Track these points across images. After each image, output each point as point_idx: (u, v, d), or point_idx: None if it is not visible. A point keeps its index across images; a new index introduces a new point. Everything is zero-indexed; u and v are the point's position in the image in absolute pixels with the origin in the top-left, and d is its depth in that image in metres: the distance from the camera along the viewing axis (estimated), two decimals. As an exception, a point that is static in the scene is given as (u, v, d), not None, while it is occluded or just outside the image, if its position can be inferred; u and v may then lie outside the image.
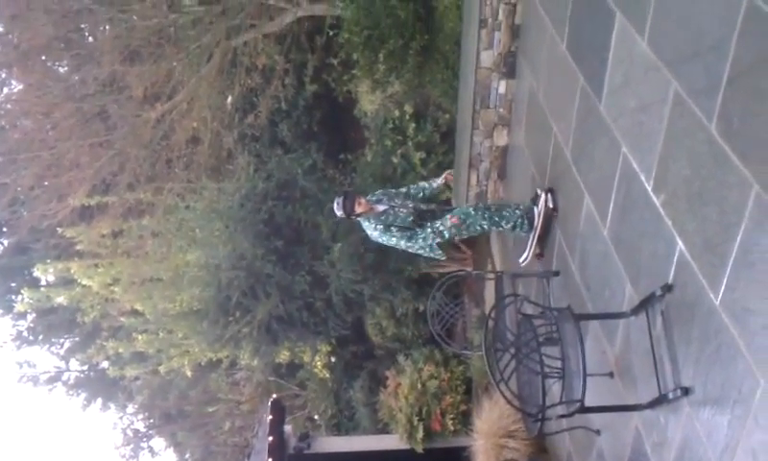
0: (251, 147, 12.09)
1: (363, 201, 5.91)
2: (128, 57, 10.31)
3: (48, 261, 12.12)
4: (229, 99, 12.23)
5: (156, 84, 10.26)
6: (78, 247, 11.13)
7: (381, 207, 5.95)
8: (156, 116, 10.41)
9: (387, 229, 5.92)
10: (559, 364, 4.10)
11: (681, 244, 3.73)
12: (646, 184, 4.10)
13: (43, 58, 10.59)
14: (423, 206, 6.03)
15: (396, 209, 5.94)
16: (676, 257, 3.78)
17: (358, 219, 6.03)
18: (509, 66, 6.97)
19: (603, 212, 4.75)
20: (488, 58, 6.96)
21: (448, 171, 6.71)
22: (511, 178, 7.53)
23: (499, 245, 8.31)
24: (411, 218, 5.93)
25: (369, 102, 10.23)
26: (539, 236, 5.95)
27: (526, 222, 5.93)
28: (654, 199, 4.01)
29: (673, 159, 3.82)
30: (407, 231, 5.92)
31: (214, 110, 11.26)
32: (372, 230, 6.00)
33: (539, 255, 6.13)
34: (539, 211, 5.85)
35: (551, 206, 5.76)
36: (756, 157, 3.09)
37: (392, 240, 5.99)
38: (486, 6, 6.67)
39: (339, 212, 5.95)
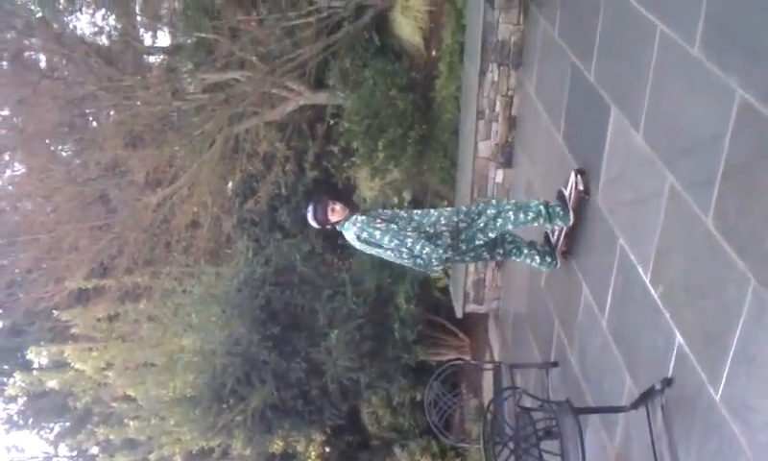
0: (250, 232, 12.14)
1: (338, 207, 5.05)
2: (130, 142, 10.46)
3: (42, 344, 11.99)
4: (230, 184, 12.35)
5: (158, 168, 10.37)
6: (73, 330, 11.04)
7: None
8: (156, 201, 10.48)
9: (385, 229, 4.97)
10: (558, 460, 4.01)
11: (680, 337, 3.69)
12: (644, 276, 4.09)
13: (47, 141, 10.73)
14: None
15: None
16: (675, 350, 3.74)
17: (340, 229, 5.16)
18: (506, 156, 7.06)
19: (601, 303, 4.73)
20: (485, 148, 7.06)
21: None
22: (508, 265, 7.52)
23: (498, 333, 8.25)
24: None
25: (368, 188, 10.33)
26: (566, 231, 5.21)
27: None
28: (652, 291, 3.99)
29: (670, 252, 3.82)
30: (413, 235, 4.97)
31: (215, 195, 11.35)
32: (361, 233, 5.01)
33: (565, 253, 5.44)
34: (567, 195, 5.07)
35: (581, 188, 4.95)
36: (752, 252, 3.09)
37: (392, 241, 4.95)
38: (483, 98, 6.79)
39: (313, 223, 5.20)
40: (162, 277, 10.94)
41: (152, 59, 12.16)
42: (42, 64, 11.01)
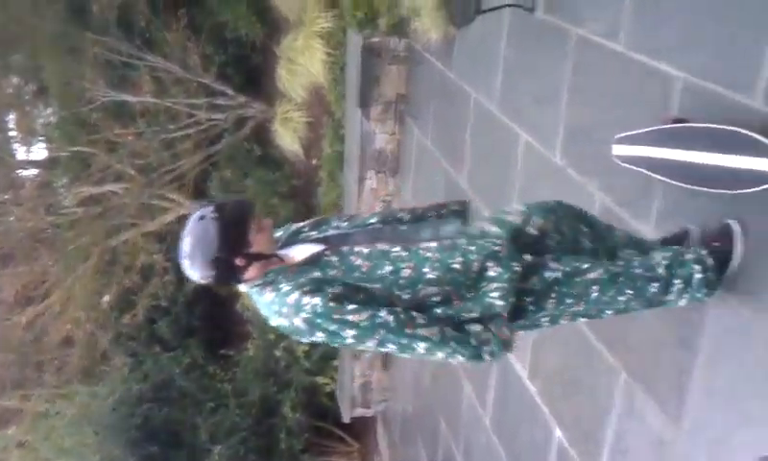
0: (127, 347, 11.67)
1: (264, 235, 2.25)
2: (0, 259, 10.02)
3: None
4: (106, 298, 11.94)
5: (29, 285, 9.95)
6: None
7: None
8: (26, 319, 10.01)
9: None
10: None
11: (558, 431, 3.82)
12: (521, 372, 4.23)
13: None
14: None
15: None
16: (555, 445, 3.85)
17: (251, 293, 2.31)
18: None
19: (483, 400, 4.83)
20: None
21: None
22: (394, 365, 7.57)
23: (386, 436, 8.20)
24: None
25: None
26: None
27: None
28: (530, 386, 4.13)
29: (545, 348, 3.98)
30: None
31: (89, 311, 10.93)
32: (313, 327, 2.12)
33: None
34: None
35: None
36: (620, 345, 3.27)
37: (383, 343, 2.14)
38: (363, 204, 6.95)
39: (197, 270, 2.18)
40: (33, 399, 10.34)
41: (25, 173, 11.84)
42: None
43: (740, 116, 2.45)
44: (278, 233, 2.45)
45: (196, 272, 2.18)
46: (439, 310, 2.20)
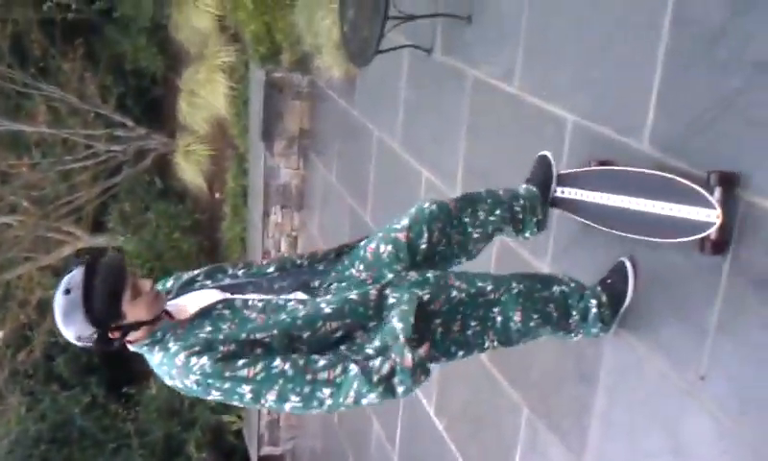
0: (23, 385, 11.19)
1: (148, 289, 2.10)
2: None
3: None
4: (0, 334, 11.41)
5: None
6: None
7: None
8: None
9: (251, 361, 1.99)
10: None
11: (465, 467, 3.85)
12: (428, 409, 4.25)
13: None
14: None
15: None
16: (462, 481, 3.88)
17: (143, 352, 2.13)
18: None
19: (391, 437, 4.83)
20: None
21: None
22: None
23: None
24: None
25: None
26: None
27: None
28: (437, 423, 4.15)
29: (451, 384, 4.02)
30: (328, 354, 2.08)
31: (-18, 347, 10.42)
32: (207, 387, 1.98)
33: None
34: None
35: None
36: (522, 381, 3.33)
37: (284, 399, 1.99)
38: (268, 238, 6.90)
39: (74, 330, 2.01)
40: None
41: None
42: None
43: (630, 159, 2.55)
44: (169, 283, 2.33)
45: (71, 339, 2.04)
46: (343, 347, 2.09)
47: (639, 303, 2.56)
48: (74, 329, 2.02)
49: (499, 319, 2.33)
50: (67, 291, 2.01)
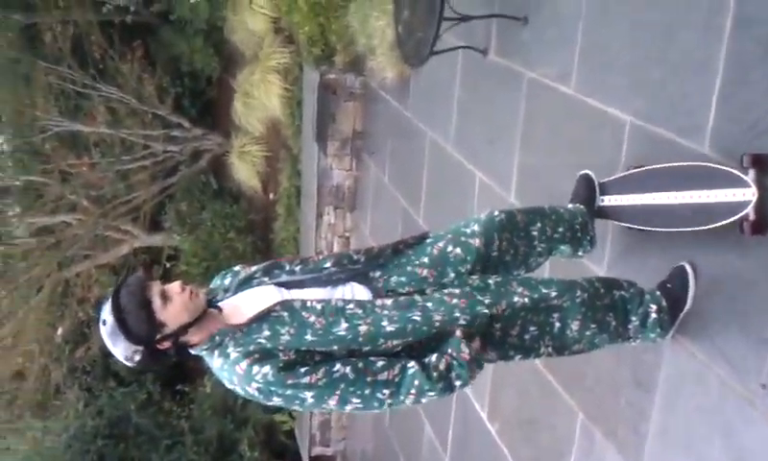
0: (81, 381, 11.45)
1: (179, 290, 2.08)
2: (-50, 290, 9.77)
3: None
4: (59, 331, 11.69)
5: (-22, 319, 9.71)
6: None
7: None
8: (-24, 354, 9.77)
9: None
10: None
11: (518, 472, 3.82)
12: (481, 413, 4.22)
13: None
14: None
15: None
16: (514, 486, 3.85)
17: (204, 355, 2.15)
18: (346, 295, 7.18)
19: (443, 440, 4.81)
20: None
21: None
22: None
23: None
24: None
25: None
26: None
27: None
28: (489, 427, 4.12)
29: (504, 388, 3.99)
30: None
31: (42, 343, 10.69)
32: (269, 392, 2.01)
33: None
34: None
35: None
36: (577, 385, 3.29)
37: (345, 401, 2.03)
38: (321, 239, 6.93)
39: (123, 350, 2.05)
40: (-18, 437, 10.08)
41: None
42: None
43: (689, 160, 2.49)
44: (227, 280, 2.34)
45: (128, 364, 2.08)
46: (402, 353, 2.13)
47: (699, 308, 2.51)
48: (124, 354, 2.06)
49: (557, 325, 2.31)
50: (104, 322, 2.05)
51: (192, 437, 8.93)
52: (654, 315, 2.47)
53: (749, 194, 2.17)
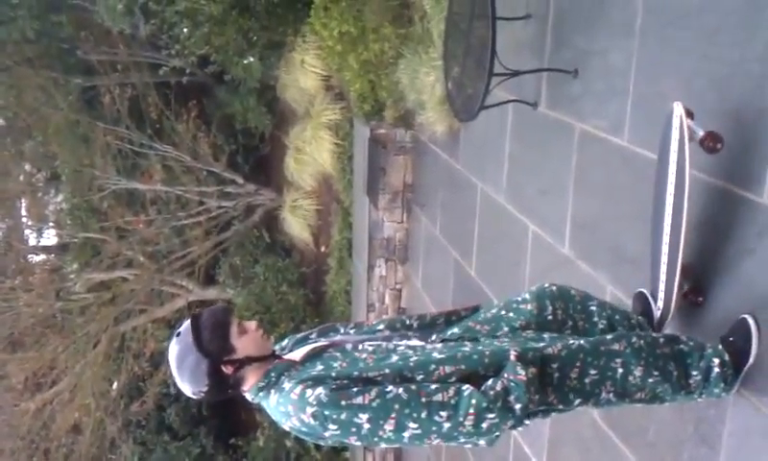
0: (136, 435, 11.57)
1: (253, 333, 2.19)
2: (9, 345, 10.00)
3: None
4: (115, 385, 11.86)
5: (39, 372, 9.90)
6: None
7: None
8: (35, 406, 9.93)
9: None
10: None
11: (577, 530, 3.72)
12: (538, 468, 4.15)
13: None
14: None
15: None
16: None
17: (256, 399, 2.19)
18: (398, 347, 7.15)
19: (500, 496, 4.72)
20: (377, 340, 7.14)
21: None
22: (408, 454, 7.44)
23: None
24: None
25: (260, 388, 10.13)
26: None
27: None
28: (547, 483, 4.05)
29: (562, 443, 3.91)
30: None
31: (98, 398, 10.84)
32: (324, 423, 1.97)
33: None
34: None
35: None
36: (637, 441, 3.21)
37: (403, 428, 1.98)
38: (372, 291, 6.96)
39: (192, 386, 2.15)
40: (41, 488, 10.18)
41: (36, 258, 11.92)
42: None
43: (747, 212, 2.46)
44: (284, 342, 2.43)
45: (187, 386, 2.15)
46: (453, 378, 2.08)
47: (764, 362, 2.44)
48: (188, 371, 2.12)
49: (620, 371, 2.27)
50: (178, 334, 2.15)
51: (245, 490, 8.92)
52: (717, 369, 2.41)
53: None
